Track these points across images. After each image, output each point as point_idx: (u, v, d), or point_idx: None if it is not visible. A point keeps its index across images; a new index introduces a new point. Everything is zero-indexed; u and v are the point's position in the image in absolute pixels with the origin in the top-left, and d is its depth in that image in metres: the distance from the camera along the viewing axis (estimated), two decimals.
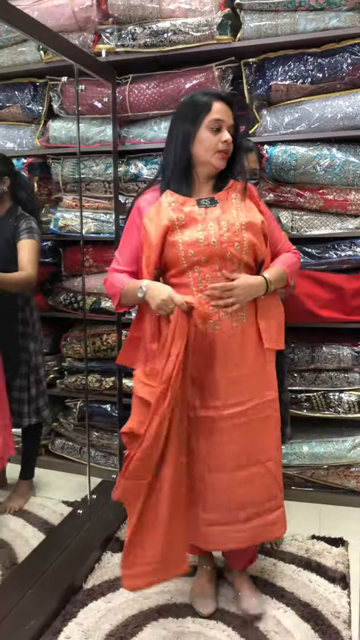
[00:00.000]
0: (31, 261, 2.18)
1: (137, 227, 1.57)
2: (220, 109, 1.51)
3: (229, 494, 1.57)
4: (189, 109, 1.54)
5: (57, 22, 2.37)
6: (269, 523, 1.61)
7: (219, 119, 1.51)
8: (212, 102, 1.52)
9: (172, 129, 1.58)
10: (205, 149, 1.52)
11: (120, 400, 2.52)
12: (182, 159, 1.54)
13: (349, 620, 1.70)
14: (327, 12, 2.11)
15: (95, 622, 1.70)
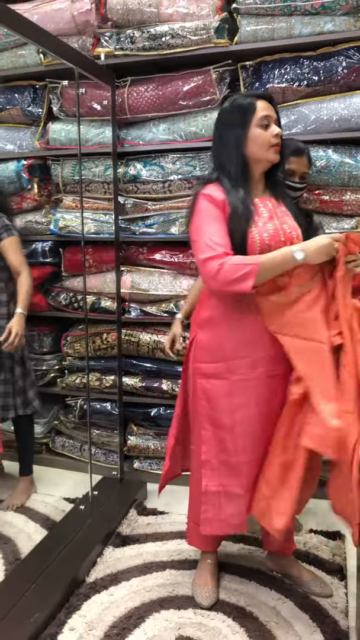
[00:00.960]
0: (21, 260, 2.36)
1: (221, 211, 1.55)
2: (264, 106, 1.58)
3: None
4: (235, 113, 1.58)
5: (57, 26, 2.40)
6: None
7: (266, 115, 1.57)
8: (255, 101, 1.58)
9: (222, 135, 1.62)
10: (260, 146, 1.57)
11: (121, 399, 2.55)
12: (239, 161, 1.58)
13: (346, 610, 1.75)
14: (322, 16, 2.15)
15: (98, 614, 1.74)
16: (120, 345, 2.53)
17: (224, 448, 1.65)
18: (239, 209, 1.53)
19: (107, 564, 2.00)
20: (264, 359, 1.60)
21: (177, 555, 2.05)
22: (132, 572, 1.95)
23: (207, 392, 1.66)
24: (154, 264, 2.56)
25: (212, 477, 1.67)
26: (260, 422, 1.62)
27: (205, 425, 1.67)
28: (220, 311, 1.62)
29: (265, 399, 1.62)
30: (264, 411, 1.62)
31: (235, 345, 1.61)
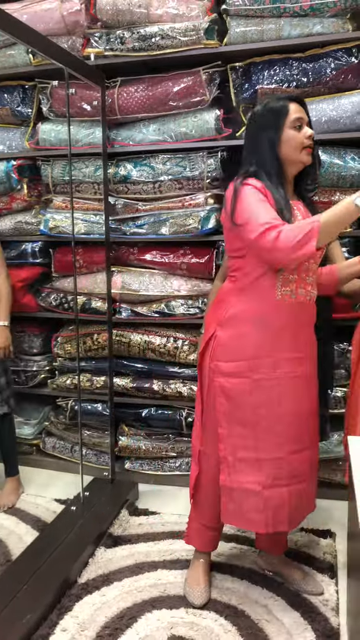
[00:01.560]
0: (0, 261, 2.43)
1: (264, 196, 1.55)
2: (297, 109, 1.60)
3: None
4: (269, 116, 1.60)
5: (46, 26, 2.39)
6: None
7: (299, 117, 1.59)
8: (287, 104, 1.60)
9: (256, 137, 1.62)
10: (294, 148, 1.59)
11: (112, 399, 2.55)
12: (274, 163, 1.60)
13: (336, 607, 1.76)
14: (311, 18, 2.16)
15: (90, 614, 1.74)
16: (111, 345, 2.53)
17: (244, 445, 1.65)
18: (281, 204, 1.54)
19: (98, 565, 1.99)
20: (285, 360, 1.61)
21: (169, 555, 2.05)
22: (123, 572, 1.95)
23: (226, 390, 1.65)
24: (145, 264, 2.56)
25: (229, 474, 1.68)
26: (285, 421, 1.63)
27: (223, 423, 1.67)
28: (245, 310, 1.62)
29: (290, 398, 1.63)
30: (290, 410, 1.63)
31: (258, 344, 1.61)
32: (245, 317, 1.62)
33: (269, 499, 1.63)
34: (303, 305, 1.62)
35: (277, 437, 1.63)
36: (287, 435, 1.63)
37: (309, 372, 1.68)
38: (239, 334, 1.62)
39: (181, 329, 2.56)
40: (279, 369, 1.61)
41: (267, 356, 1.60)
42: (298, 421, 1.65)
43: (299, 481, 1.66)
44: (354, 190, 2.25)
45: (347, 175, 2.22)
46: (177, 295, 2.50)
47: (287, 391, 1.62)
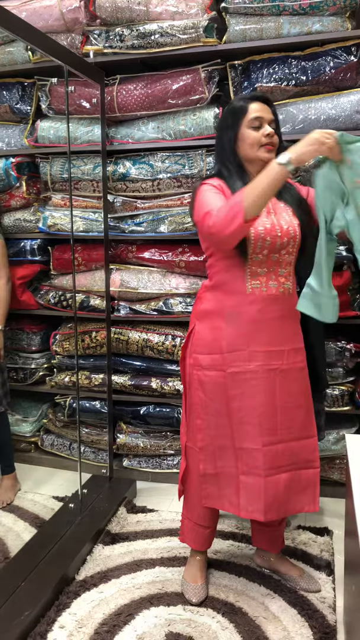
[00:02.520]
0: (3, 264, 2.44)
1: (221, 191, 1.59)
2: (257, 108, 1.61)
3: None
4: (229, 116, 1.64)
5: (46, 23, 2.39)
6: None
7: (257, 116, 1.60)
8: (248, 104, 1.62)
9: (218, 138, 1.69)
10: (250, 145, 1.60)
11: (110, 397, 2.55)
12: (234, 161, 1.64)
13: (334, 605, 1.77)
14: (311, 16, 2.16)
15: (88, 611, 1.74)
16: (109, 343, 2.53)
17: (223, 434, 1.68)
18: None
19: (96, 562, 2.00)
20: (261, 353, 1.62)
21: (167, 553, 2.05)
22: (121, 569, 1.96)
23: (203, 383, 1.69)
24: (143, 262, 2.56)
25: (210, 461, 1.71)
26: (260, 413, 1.63)
27: (201, 415, 1.70)
28: (217, 304, 1.66)
29: (265, 391, 1.63)
30: (265, 402, 1.63)
31: (232, 338, 1.63)
32: (219, 312, 1.65)
33: (246, 485, 1.65)
34: (276, 298, 1.62)
35: (252, 429, 1.64)
36: (262, 427, 1.63)
37: (291, 365, 1.66)
38: (213, 327, 1.66)
39: (179, 327, 2.57)
40: (253, 362, 1.62)
41: (241, 349, 1.62)
42: (273, 414, 1.64)
43: (276, 473, 1.65)
44: None
45: None
46: (175, 293, 2.50)
47: (263, 384, 1.63)
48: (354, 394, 2.41)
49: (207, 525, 1.84)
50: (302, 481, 1.70)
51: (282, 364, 1.65)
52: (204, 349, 1.68)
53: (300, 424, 1.69)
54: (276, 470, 1.65)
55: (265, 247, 1.57)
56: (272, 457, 1.64)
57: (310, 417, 1.73)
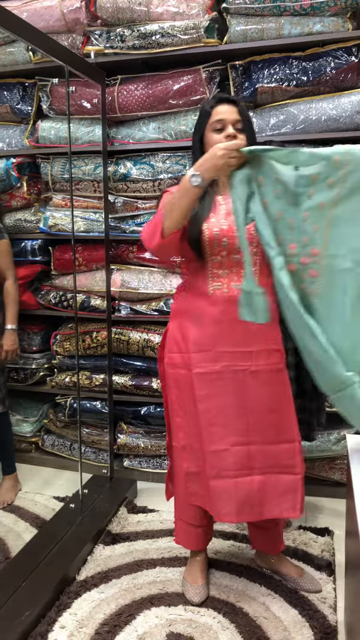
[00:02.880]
0: (9, 265, 2.42)
1: None
2: (221, 110, 1.60)
3: None
4: (198, 120, 1.65)
5: (47, 23, 2.39)
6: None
7: (219, 119, 1.59)
8: (213, 107, 1.61)
9: (192, 142, 1.70)
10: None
11: (111, 397, 2.55)
12: None
13: (334, 605, 1.77)
14: (312, 17, 2.16)
15: (89, 611, 1.74)
16: (110, 343, 2.53)
17: (195, 434, 1.69)
18: (195, 206, 1.55)
19: (97, 562, 2.00)
20: (227, 354, 1.61)
21: (168, 553, 2.05)
22: (122, 569, 1.96)
23: (176, 381, 1.70)
24: (144, 262, 2.56)
25: (192, 460, 1.71)
26: (228, 414, 1.63)
27: (180, 413, 1.72)
28: (186, 305, 1.68)
29: (234, 391, 1.63)
30: (232, 403, 1.63)
31: (197, 338, 1.64)
32: (186, 312, 1.67)
33: (215, 489, 1.65)
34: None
35: (220, 430, 1.63)
36: (231, 428, 1.63)
37: (263, 367, 1.63)
38: (181, 327, 1.68)
39: None
40: (219, 363, 1.62)
41: (207, 350, 1.63)
42: (244, 414, 1.63)
43: (249, 474, 1.64)
44: None
45: None
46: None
47: (230, 385, 1.62)
48: None
49: (199, 525, 1.82)
50: (281, 486, 1.66)
51: (252, 365, 1.62)
52: (174, 348, 1.70)
53: (276, 428, 1.65)
54: (248, 471, 1.64)
55: (223, 248, 1.57)
56: (242, 458, 1.63)
57: (289, 422, 1.67)
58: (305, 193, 1.30)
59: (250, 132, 1.64)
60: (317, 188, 1.29)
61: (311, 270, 1.33)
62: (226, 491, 1.64)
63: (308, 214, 1.31)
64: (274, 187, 1.34)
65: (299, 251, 1.34)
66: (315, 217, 1.31)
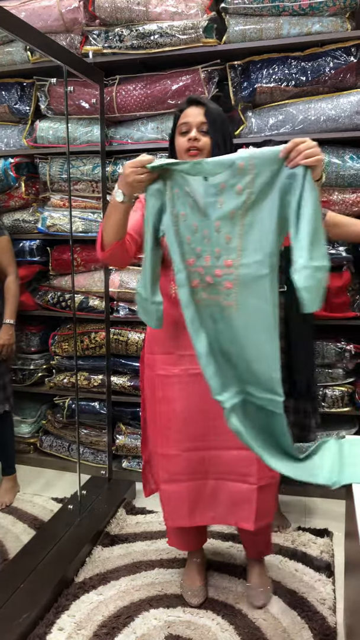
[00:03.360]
0: (10, 261, 2.41)
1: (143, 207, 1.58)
2: (188, 112, 1.57)
3: None
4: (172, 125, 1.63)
5: (45, 23, 2.39)
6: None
7: (185, 122, 1.57)
8: (182, 110, 1.59)
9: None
10: (179, 152, 1.59)
11: (109, 398, 2.55)
12: None
13: (334, 606, 1.76)
14: (310, 17, 2.16)
15: (87, 613, 1.73)
16: (108, 344, 2.53)
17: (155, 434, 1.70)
18: (127, 219, 1.52)
19: (95, 564, 1.99)
20: (187, 357, 1.59)
21: (166, 554, 2.05)
22: (121, 571, 1.95)
23: (148, 381, 1.72)
24: None
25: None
26: (183, 418, 1.61)
27: (148, 412, 1.74)
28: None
29: (190, 395, 1.61)
30: (190, 406, 1.61)
31: (162, 340, 1.63)
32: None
33: (166, 493, 1.66)
34: None
35: (175, 434, 1.63)
36: (185, 434, 1.62)
37: None
38: (150, 329, 1.66)
39: None
40: (179, 366, 1.61)
41: (170, 352, 1.63)
42: (203, 419, 1.60)
43: (202, 478, 1.63)
44: (352, 189, 2.25)
45: (346, 175, 2.22)
46: None
47: (188, 388, 1.61)
48: (354, 395, 2.40)
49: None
50: (235, 494, 1.63)
51: None
52: (148, 349, 1.71)
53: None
54: (202, 475, 1.64)
55: None
56: (195, 463, 1.63)
57: None
58: (216, 202, 1.30)
59: (218, 134, 1.57)
60: (226, 197, 1.29)
61: (226, 282, 1.32)
62: (177, 493, 1.63)
63: (219, 224, 1.31)
64: (187, 199, 1.33)
65: (213, 263, 1.34)
66: (227, 227, 1.31)
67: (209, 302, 1.37)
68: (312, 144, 1.24)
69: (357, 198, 2.24)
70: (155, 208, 1.38)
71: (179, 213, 1.35)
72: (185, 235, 1.36)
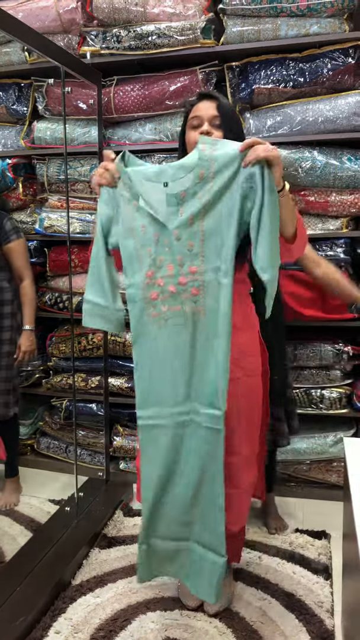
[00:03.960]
0: (26, 265, 2.37)
1: None
2: (200, 106, 1.57)
3: None
4: (183, 119, 1.62)
5: (42, 23, 2.38)
6: None
7: (196, 115, 1.56)
8: (193, 104, 1.59)
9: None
10: (190, 146, 1.57)
11: (107, 399, 2.54)
12: None
13: (331, 609, 1.76)
14: (308, 18, 2.16)
15: (84, 616, 1.72)
16: (106, 345, 2.52)
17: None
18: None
19: (92, 566, 1.98)
20: None
21: None
22: (118, 573, 1.94)
23: None
24: None
25: None
26: None
27: None
28: None
29: None
30: None
31: None
32: None
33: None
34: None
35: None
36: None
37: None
38: None
39: None
40: None
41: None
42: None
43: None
44: (350, 190, 2.25)
45: (344, 176, 2.22)
46: None
47: None
48: (352, 396, 2.40)
49: None
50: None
51: None
52: None
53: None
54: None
55: None
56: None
57: (238, 436, 1.60)
58: (177, 211, 1.33)
59: (230, 129, 1.56)
60: (187, 206, 1.32)
61: (192, 289, 1.35)
62: None
63: (177, 232, 1.33)
64: (146, 209, 1.34)
65: (177, 271, 1.35)
66: (186, 234, 1.33)
67: (169, 314, 1.39)
68: (270, 145, 1.27)
69: (355, 199, 2.24)
70: (105, 216, 1.40)
71: (139, 225, 1.36)
72: (146, 247, 1.37)
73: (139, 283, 1.39)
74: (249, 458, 1.65)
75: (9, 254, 2.32)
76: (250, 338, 1.62)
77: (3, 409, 2.35)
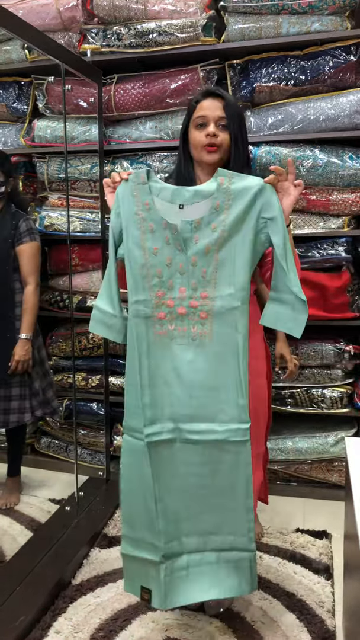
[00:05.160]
0: (32, 270, 2.30)
1: None
2: (205, 105, 1.53)
3: None
4: (184, 115, 1.59)
5: (43, 21, 2.37)
6: None
7: (202, 115, 1.52)
8: (198, 101, 1.55)
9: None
10: (194, 146, 1.55)
11: (107, 398, 2.53)
12: (184, 162, 1.60)
13: (333, 609, 1.75)
14: (310, 16, 2.15)
15: (84, 616, 1.72)
16: (106, 344, 2.51)
17: None
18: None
19: (93, 566, 1.98)
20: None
21: None
22: (118, 573, 1.93)
23: None
24: None
25: None
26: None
27: None
28: None
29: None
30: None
31: None
32: None
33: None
34: None
35: None
36: None
37: None
38: None
39: None
40: None
41: None
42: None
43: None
44: (351, 189, 2.24)
45: (345, 174, 2.21)
46: None
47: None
48: (353, 396, 2.39)
49: None
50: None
51: None
52: None
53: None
54: None
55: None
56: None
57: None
58: (192, 238, 1.36)
59: (237, 129, 1.54)
60: (201, 233, 1.35)
61: (201, 313, 1.38)
62: None
63: (195, 259, 1.37)
64: (163, 233, 1.36)
65: (189, 294, 1.38)
66: (202, 261, 1.37)
67: (175, 334, 1.39)
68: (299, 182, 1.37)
69: (356, 198, 2.23)
70: (117, 229, 1.41)
71: (152, 247, 1.37)
72: (157, 268, 1.38)
73: (146, 301, 1.39)
74: (255, 459, 1.63)
75: (20, 256, 2.28)
76: (256, 341, 1.63)
77: (17, 415, 2.29)
